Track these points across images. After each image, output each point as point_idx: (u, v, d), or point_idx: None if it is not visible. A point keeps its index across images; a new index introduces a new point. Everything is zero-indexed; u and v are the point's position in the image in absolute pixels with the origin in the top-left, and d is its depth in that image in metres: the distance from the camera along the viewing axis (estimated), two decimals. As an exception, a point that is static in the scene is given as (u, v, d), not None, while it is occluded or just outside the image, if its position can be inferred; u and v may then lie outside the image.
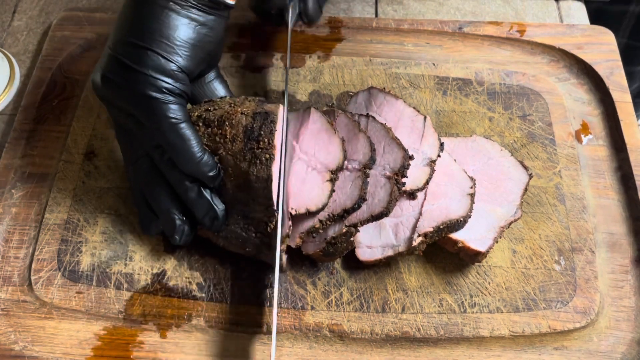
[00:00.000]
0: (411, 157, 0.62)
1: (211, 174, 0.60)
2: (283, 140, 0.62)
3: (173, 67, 0.58)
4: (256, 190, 0.59)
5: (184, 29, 0.58)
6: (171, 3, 0.58)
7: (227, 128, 0.61)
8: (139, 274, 0.65)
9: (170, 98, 0.58)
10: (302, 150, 0.63)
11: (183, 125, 0.58)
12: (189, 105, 0.64)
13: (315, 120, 0.64)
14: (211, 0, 0.59)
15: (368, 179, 0.61)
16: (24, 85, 0.81)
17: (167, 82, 0.57)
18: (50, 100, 0.77)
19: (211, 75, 0.67)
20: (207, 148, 0.61)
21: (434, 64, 0.79)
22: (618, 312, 0.63)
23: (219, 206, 0.61)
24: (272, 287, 0.62)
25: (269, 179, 0.59)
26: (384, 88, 0.71)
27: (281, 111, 0.63)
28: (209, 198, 0.60)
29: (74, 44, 0.81)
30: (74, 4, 0.89)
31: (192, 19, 0.59)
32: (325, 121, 0.64)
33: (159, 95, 0.57)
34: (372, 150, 0.62)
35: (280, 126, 0.62)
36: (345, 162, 0.62)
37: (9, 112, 0.79)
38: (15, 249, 0.67)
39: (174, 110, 0.58)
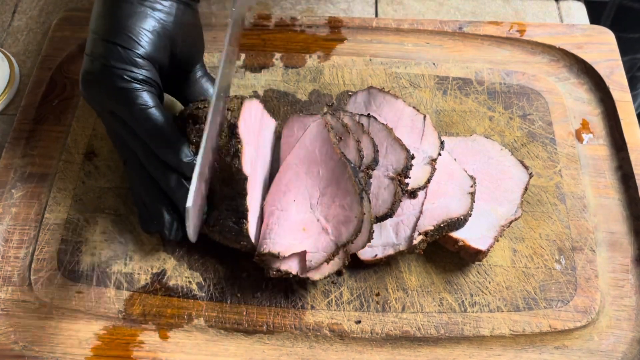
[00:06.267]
0: (412, 157, 0.62)
1: (186, 160, 0.60)
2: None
3: (134, 55, 0.59)
4: (237, 183, 0.60)
5: (139, 16, 0.59)
6: None
7: None
8: (138, 273, 0.65)
9: (137, 86, 0.59)
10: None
11: (153, 110, 0.59)
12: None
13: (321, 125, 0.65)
14: None
15: (371, 180, 0.61)
16: (24, 85, 0.81)
17: (131, 70, 0.58)
18: (50, 100, 0.77)
19: (198, 73, 0.68)
20: (189, 141, 0.62)
21: (434, 64, 0.79)
22: (619, 311, 0.62)
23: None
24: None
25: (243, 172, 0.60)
26: (383, 88, 0.71)
27: (247, 103, 0.64)
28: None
29: (74, 44, 0.81)
30: (74, 4, 0.89)
31: (147, 6, 0.60)
32: (341, 126, 0.64)
33: (125, 85, 0.58)
34: (375, 151, 0.62)
35: (242, 118, 0.63)
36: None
37: (9, 112, 0.79)
38: (15, 248, 0.66)
39: (142, 97, 0.59)
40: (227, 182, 0.61)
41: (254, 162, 0.63)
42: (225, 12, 0.86)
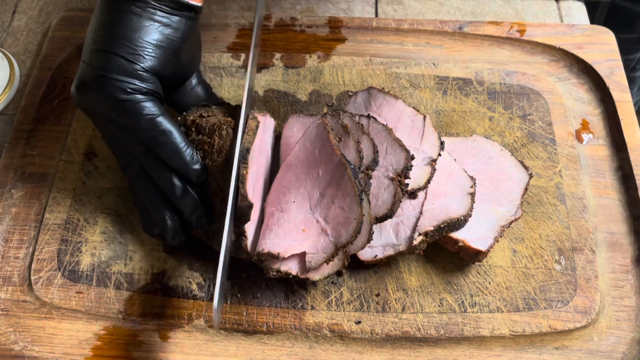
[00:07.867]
0: (412, 157, 0.62)
1: (195, 167, 0.60)
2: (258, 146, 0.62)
3: (137, 68, 0.58)
4: (240, 209, 0.59)
5: (146, 30, 0.59)
6: (132, 7, 0.58)
7: (216, 138, 0.61)
8: (139, 273, 0.65)
9: (140, 97, 0.58)
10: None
11: (160, 119, 0.59)
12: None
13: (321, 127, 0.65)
14: (172, 2, 0.59)
15: (371, 181, 0.61)
16: (24, 85, 0.81)
17: (134, 83, 0.58)
18: (50, 100, 0.77)
19: (193, 81, 0.68)
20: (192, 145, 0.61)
21: (434, 64, 0.79)
22: (618, 312, 0.63)
23: (206, 204, 0.61)
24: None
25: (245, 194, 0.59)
26: (383, 88, 0.71)
27: (263, 121, 0.64)
28: (195, 196, 0.61)
29: (73, 44, 0.81)
30: (74, 4, 0.89)
31: (155, 20, 0.59)
32: (341, 127, 0.64)
33: (128, 97, 0.58)
34: (375, 152, 0.62)
35: (256, 142, 0.62)
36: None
37: (9, 112, 0.79)
38: (15, 249, 0.66)
39: (148, 107, 0.59)
40: (226, 201, 0.61)
41: (255, 183, 0.63)
42: (225, 12, 0.86)
